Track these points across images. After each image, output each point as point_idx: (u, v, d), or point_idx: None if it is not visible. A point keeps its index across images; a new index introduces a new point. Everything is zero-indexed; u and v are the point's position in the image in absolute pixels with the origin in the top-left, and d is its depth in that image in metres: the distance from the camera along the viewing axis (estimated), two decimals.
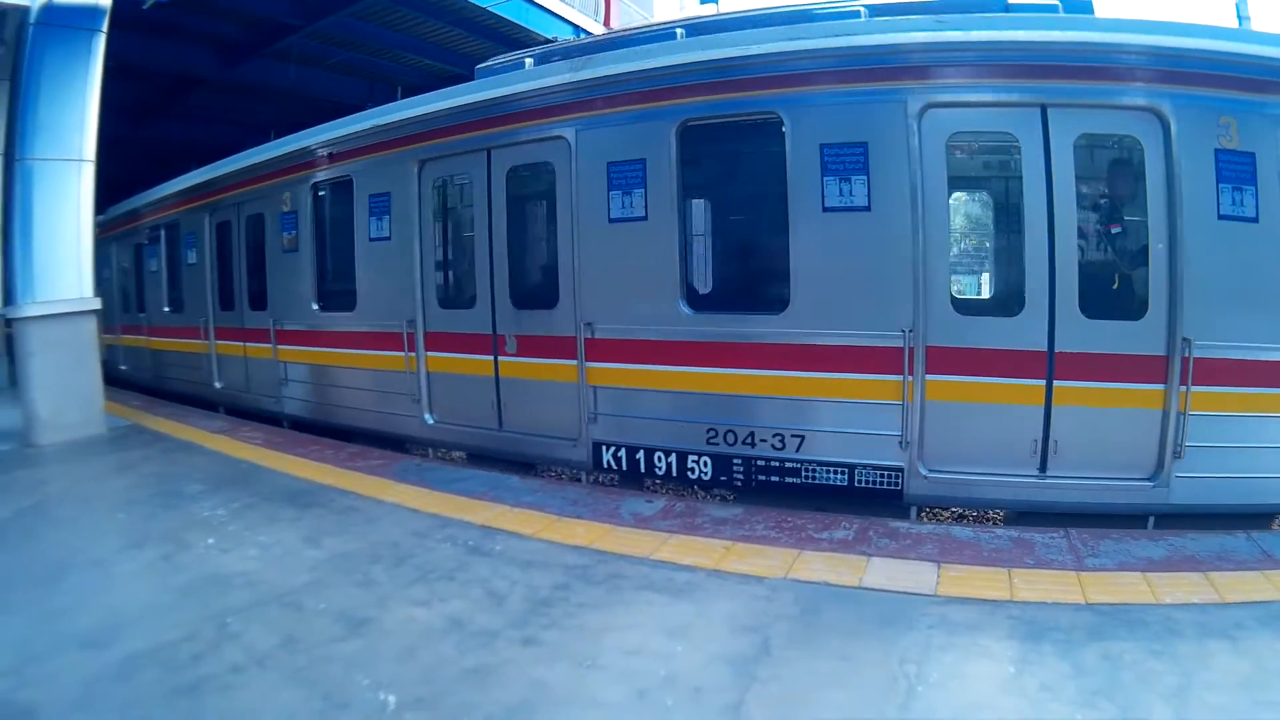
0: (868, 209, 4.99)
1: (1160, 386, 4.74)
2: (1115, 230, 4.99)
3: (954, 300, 5.06)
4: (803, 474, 5.27)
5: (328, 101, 15.57)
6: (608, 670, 3.09)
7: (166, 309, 11.36)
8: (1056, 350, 4.83)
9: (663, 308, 5.63)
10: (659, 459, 5.74)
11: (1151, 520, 4.84)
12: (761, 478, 5.39)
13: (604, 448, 6.00)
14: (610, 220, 5.82)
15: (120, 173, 12.11)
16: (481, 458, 6.87)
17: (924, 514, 5.50)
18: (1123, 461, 4.84)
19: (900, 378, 4.96)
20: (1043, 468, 4.91)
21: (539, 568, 4.15)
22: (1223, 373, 4.67)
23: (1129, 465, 4.83)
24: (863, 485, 5.13)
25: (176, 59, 14.98)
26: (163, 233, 11.35)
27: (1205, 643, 3.21)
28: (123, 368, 13.05)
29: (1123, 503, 4.84)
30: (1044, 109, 4.78)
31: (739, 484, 5.49)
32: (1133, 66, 4.69)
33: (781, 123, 5.20)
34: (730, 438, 5.48)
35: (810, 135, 5.11)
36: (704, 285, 5.96)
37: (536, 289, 6.48)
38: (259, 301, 9.07)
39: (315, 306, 8.23)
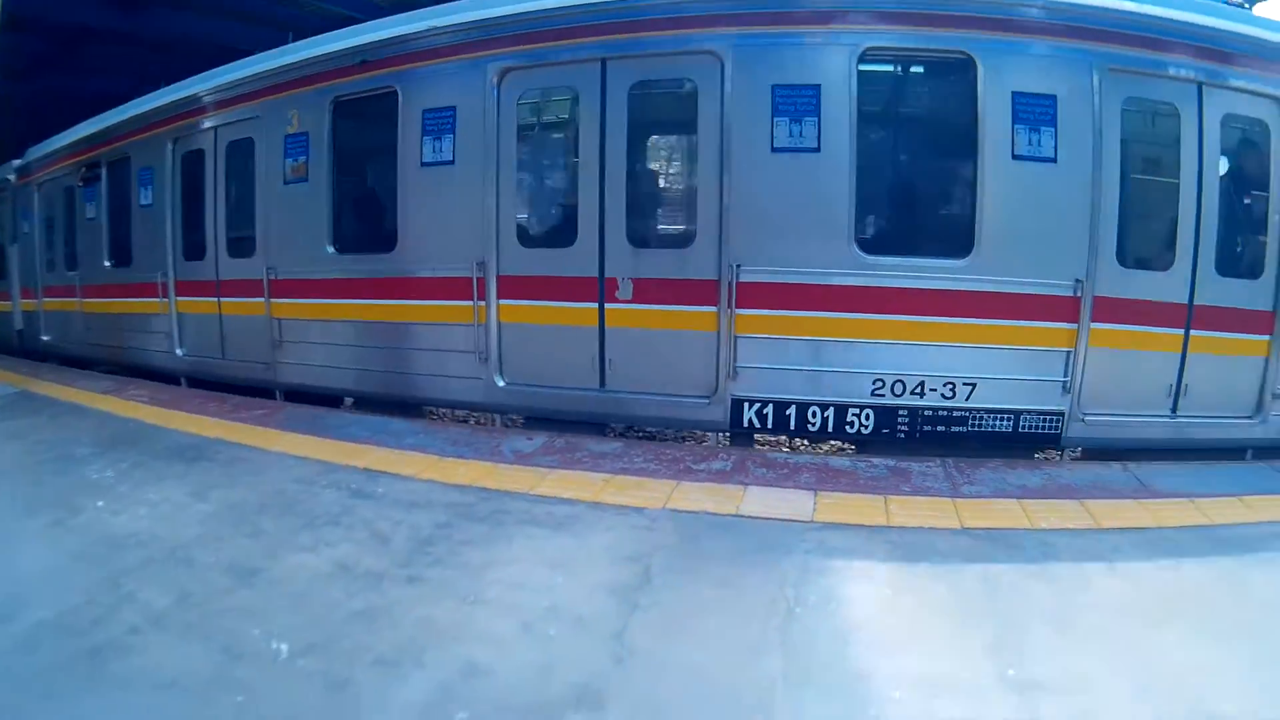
0: (1054, 160, 5.13)
1: (1266, 337, 5.43)
2: (1247, 201, 5.56)
3: (1116, 254, 5.28)
4: (970, 423, 5.32)
5: (228, 49, 14.91)
6: (493, 605, 3.13)
7: (108, 263, 9.46)
8: (1195, 303, 5.33)
9: (831, 249, 5.30)
10: (814, 414, 5.44)
11: (1250, 452, 5.49)
12: (927, 428, 5.34)
13: (746, 404, 5.53)
14: (773, 150, 5.32)
15: (9, 130, 11.28)
16: (566, 424, 5.95)
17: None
18: (1233, 402, 5.48)
19: (1070, 325, 5.19)
20: (1174, 409, 5.42)
21: (422, 508, 4.17)
22: None
23: (1237, 405, 5.49)
24: (1026, 430, 5.31)
25: (72, 10, 14.22)
26: (104, 171, 9.45)
27: (1082, 565, 3.37)
28: (45, 338, 11.24)
29: (1231, 437, 5.48)
30: (1200, 87, 5.18)
31: (902, 435, 5.37)
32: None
33: (973, 64, 5.12)
34: (898, 388, 5.32)
35: (1003, 81, 5.11)
36: (878, 227, 5.63)
37: (663, 225, 5.88)
38: (243, 247, 7.59)
39: (331, 249, 6.87)
